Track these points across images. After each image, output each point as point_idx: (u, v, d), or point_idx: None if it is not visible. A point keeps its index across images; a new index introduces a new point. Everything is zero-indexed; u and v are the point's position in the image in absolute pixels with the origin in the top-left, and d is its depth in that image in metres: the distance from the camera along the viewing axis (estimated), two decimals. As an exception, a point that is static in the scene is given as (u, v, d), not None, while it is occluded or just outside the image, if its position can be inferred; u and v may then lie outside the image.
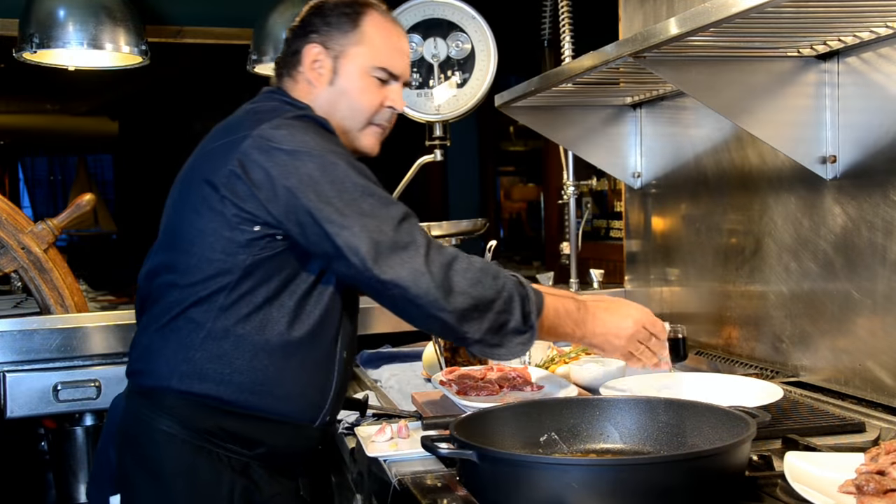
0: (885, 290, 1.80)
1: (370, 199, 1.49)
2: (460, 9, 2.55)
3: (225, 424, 1.54)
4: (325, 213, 1.46)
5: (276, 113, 1.55)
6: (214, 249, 1.52)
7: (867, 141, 1.83)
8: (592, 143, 2.79)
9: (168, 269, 1.58)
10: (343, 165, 1.49)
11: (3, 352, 2.30)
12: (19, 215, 2.53)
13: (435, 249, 1.50)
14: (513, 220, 6.98)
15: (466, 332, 1.50)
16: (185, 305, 1.54)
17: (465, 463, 1.29)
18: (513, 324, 1.52)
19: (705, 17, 1.58)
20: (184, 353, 1.54)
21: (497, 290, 1.51)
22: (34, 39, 3.10)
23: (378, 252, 1.46)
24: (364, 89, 1.66)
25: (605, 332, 1.65)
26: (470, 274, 1.50)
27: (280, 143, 1.49)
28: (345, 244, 1.46)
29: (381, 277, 1.46)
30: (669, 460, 1.24)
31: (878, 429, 1.67)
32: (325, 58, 1.65)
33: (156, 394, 1.55)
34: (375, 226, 1.47)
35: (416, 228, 1.50)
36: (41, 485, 2.65)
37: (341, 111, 1.66)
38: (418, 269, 1.46)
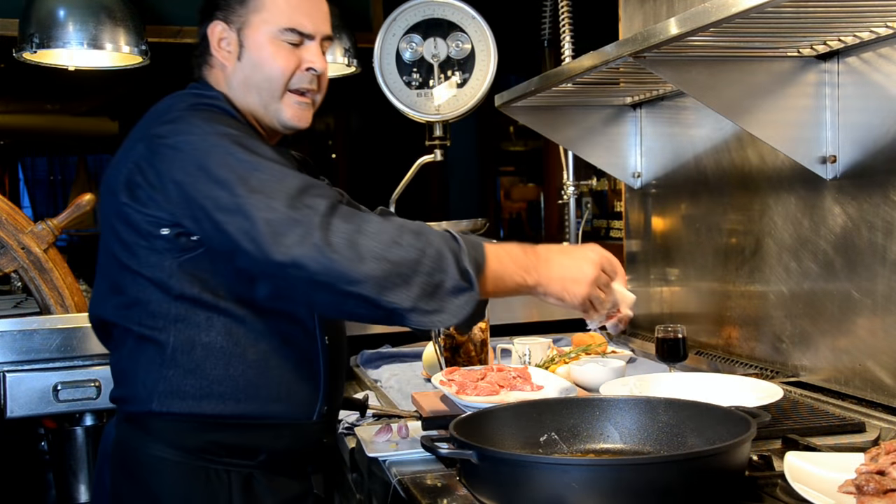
0: (885, 290, 1.80)
1: (258, 175, 1.35)
2: (460, 9, 2.55)
3: (216, 438, 1.47)
4: (212, 202, 1.35)
5: (171, 109, 1.47)
6: (141, 262, 1.45)
7: (867, 141, 1.83)
8: (592, 143, 2.79)
9: (111, 289, 1.51)
10: (227, 144, 1.37)
11: (3, 352, 2.30)
12: (19, 215, 2.53)
13: (340, 217, 1.33)
14: (513, 220, 6.97)
15: (393, 302, 1.31)
16: (140, 325, 1.47)
17: (465, 463, 1.29)
18: (449, 283, 1.34)
19: (705, 17, 1.58)
20: (155, 373, 1.46)
21: (420, 248, 1.33)
22: (34, 39, 3.10)
23: (271, 232, 1.31)
24: (274, 55, 1.55)
25: (563, 276, 1.45)
26: (384, 236, 1.33)
27: (165, 137, 1.41)
28: (236, 230, 1.33)
29: (277, 260, 1.31)
30: (669, 460, 1.24)
31: (878, 429, 1.67)
32: (230, 33, 1.57)
33: (140, 419, 1.49)
34: (265, 203, 1.32)
35: (316, 198, 1.34)
36: (41, 485, 2.64)
37: (256, 84, 1.56)
38: (317, 242, 1.30)
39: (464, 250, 1.37)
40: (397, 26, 2.55)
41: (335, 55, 3.51)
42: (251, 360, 1.48)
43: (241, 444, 1.49)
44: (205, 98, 1.51)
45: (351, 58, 3.55)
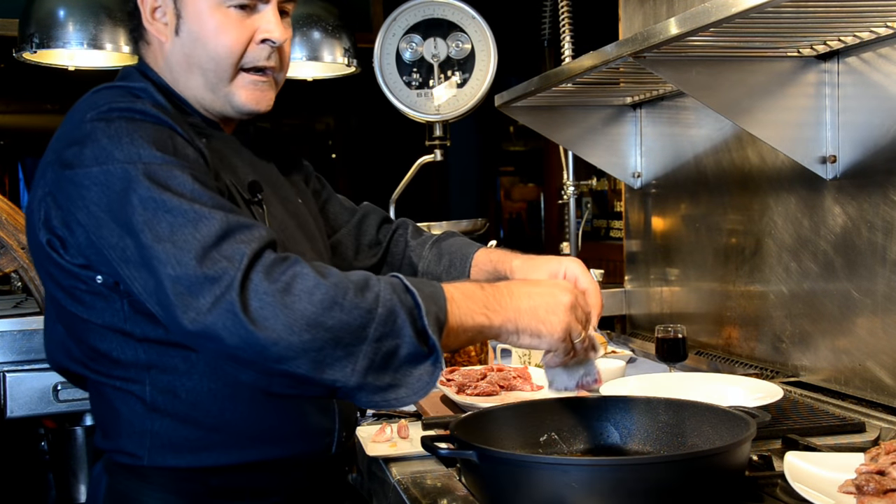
0: (885, 290, 1.80)
1: (167, 218, 1.08)
2: (460, 9, 2.55)
3: (223, 483, 1.27)
4: (117, 252, 1.12)
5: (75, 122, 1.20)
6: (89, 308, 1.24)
7: (867, 141, 1.83)
8: (592, 143, 2.79)
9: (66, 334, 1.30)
10: (135, 177, 1.11)
11: (3, 352, 2.30)
12: (19, 215, 2.53)
13: (263, 271, 1.06)
14: (513, 220, 6.97)
15: (336, 379, 1.06)
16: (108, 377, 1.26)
17: (465, 463, 1.29)
18: (405, 349, 1.09)
19: (705, 17, 1.58)
20: (140, 427, 1.25)
21: (366, 308, 1.07)
22: (34, 39, 3.10)
23: (178, 293, 1.06)
24: (220, 27, 1.27)
25: (534, 305, 1.20)
26: (319, 294, 1.06)
27: (68, 165, 1.16)
28: (142, 289, 1.11)
29: (187, 329, 1.06)
30: (669, 460, 1.24)
31: (878, 429, 1.67)
32: (165, 1, 1.29)
33: (134, 469, 1.28)
34: (174, 257, 1.07)
35: (238, 246, 1.08)
36: (41, 485, 2.64)
37: (199, 63, 1.29)
38: (230, 309, 1.03)
39: (419, 305, 1.11)
40: (397, 26, 2.55)
41: (335, 55, 3.51)
42: (247, 399, 1.27)
43: (254, 487, 1.30)
44: (124, 99, 1.22)
45: (351, 58, 3.54)
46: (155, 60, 1.35)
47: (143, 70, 1.35)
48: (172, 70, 1.33)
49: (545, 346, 1.24)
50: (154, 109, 1.21)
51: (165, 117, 1.21)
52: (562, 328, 1.22)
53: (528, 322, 1.20)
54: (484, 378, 1.95)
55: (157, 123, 1.19)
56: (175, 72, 1.32)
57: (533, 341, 1.22)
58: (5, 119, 7.57)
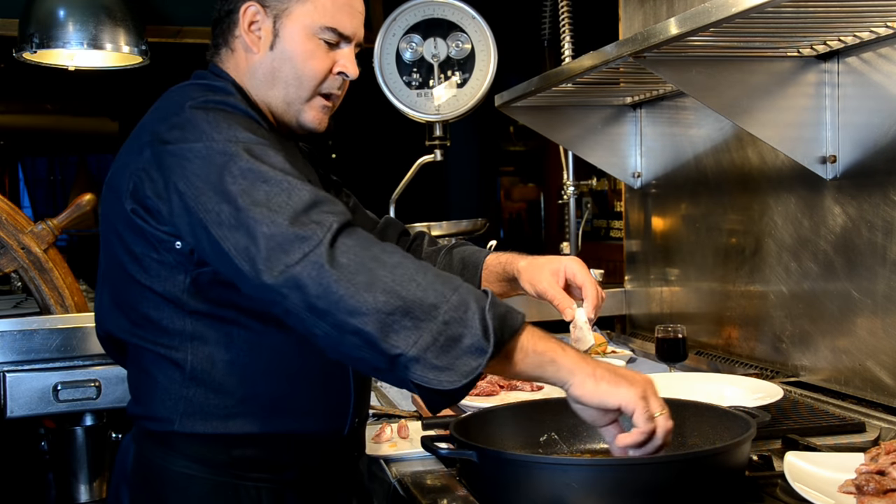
0: (885, 290, 1.80)
1: (264, 187, 1.20)
2: (460, 9, 2.55)
3: (245, 454, 1.37)
4: (213, 215, 1.22)
5: (174, 109, 1.33)
6: (152, 276, 1.34)
7: (867, 141, 1.83)
8: (592, 143, 2.79)
9: (117, 303, 1.40)
10: (235, 153, 1.24)
11: (3, 352, 2.29)
12: (19, 215, 2.53)
13: (353, 237, 1.18)
14: (513, 220, 6.97)
15: (397, 346, 1.12)
16: (154, 343, 1.37)
17: (465, 463, 1.29)
18: (468, 339, 1.14)
19: (705, 17, 1.58)
20: (176, 393, 1.35)
21: (441, 292, 1.15)
22: (34, 39, 3.10)
23: (270, 248, 1.16)
24: (310, 53, 1.44)
25: (614, 368, 1.23)
26: (402, 270, 1.15)
27: (171, 143, 1.28)
28: (233, 247, 1.19)
29: (273, 279, 1.16)
30: (669, 460, 1.24)
31: (878, 429, 1.67)
32: (264, 18, 1.43)
33: (163, 436, 1.38)
34: (268, 217, 1.18)
35: (326, 215, 1.19)
36: (41, 485, 2.64)
37: (284, 80, 1.45)
38: (319, 259, 1.14)
39: (496, 305, 1.17)
40: (397, 26, 2.55)
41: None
42: (278, 375, 1.37)
43: (271, 460, 1.39)
44: (214, 94, 1.37)
45: (351, 58, 3.54)
46: (236, 66, 1.48)
47: (215, 71, 1.49)
48: (255, 78, 1.46)
49: (622, 400, 1.19)
50: (243, 104, 1.36)
51: (253, 113, 1.36)
52: (642, 387, 1.21)
53: (606, 373, 1.21)
54: (484, 378, 1.95)
55: (246, 116, 1.34)
56: (257, 80, 1.46)
57: (610, 391, 1.19)
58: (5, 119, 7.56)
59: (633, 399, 1.18)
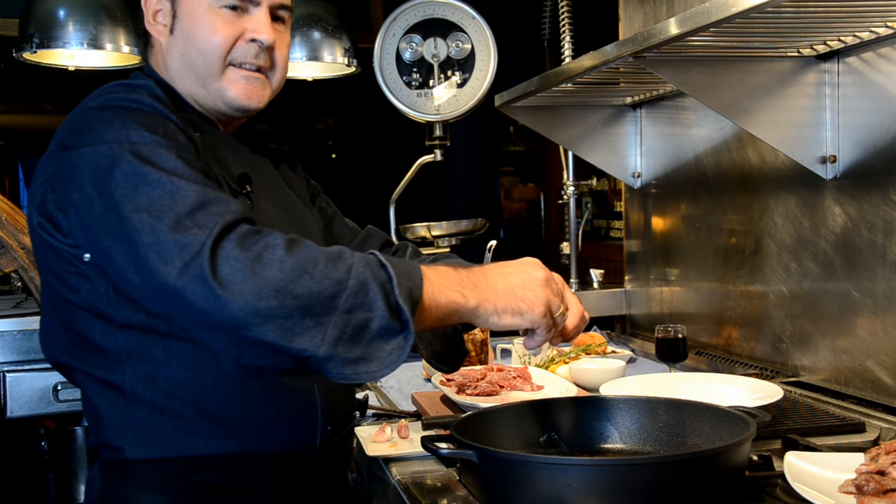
0: (885, 290, 1.80)
1: (147, 190, 1.11)
2: (460, 9, 2.55)
3: (205, 480, 1.28)
4: (103, 227, 1.14)
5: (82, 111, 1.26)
6: (74, 290, 1.26)
7: (867, 141, 1.83)
8: (592, 143, 2.79)
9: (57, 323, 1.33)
10: (123, 155, 1.14)
11: (3, 352, 2.30)
12: (19, 215, 2.53)
13: (235, 239, 1.07)
14: (513, 220, 6.97)
15: (304, 348, 1.05)
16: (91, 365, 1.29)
17: (465, 463, 1.29)
18: (376, 323, 1.07)
19: (705, 17, 1.58)
20: (120, 418, 1.27)
21: (337, 279, 1.06)
22: (34, 39, 3.10)
23: (150, 259, 1.07)
24: (211, 26, 1.34)
25: (511, 285, 1.20)
26: (290, 262, 1.06)
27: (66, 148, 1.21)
28: (123, 259, 1.12)
29: (157, 295, 1.08)
30: (669, 460, 1.24)
31: (878, 429, 1.67)
32: (164, 3, 1.37)
33: (120, 465, 1.30)
34: (149, 225, 1.09)
35: (211, 216, 1.09)
36: (41, 485, 2.64)
37: (191, 61, 1.36)
38: (200, 273, 1.04)
39: (393, 279, 1.09)
40: (397, 26, 2.55)
41: (335, 55, 3.51)
42: (227, 389, 1.27)
43: (237, 484, 1.30)
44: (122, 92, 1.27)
45: (351, 58, 3.55)
46: (157, 62, 1.42)
47: (147, 72, 1.44)
48: (170, 69, 1.39)
49: (528, 324, 1.22)
50: (150, 100, 1.25)
51: (161, 107, 1.25)
52: (542, 303, 1.22)
53: (508, 301, 1.20)
54: (484, 378, 1.95)
55: (151, 112, 1.24)
56: (171, 70, 1.39)
57: (515, 320, 1.20)
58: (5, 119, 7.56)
59: (537, 320, 1.21)
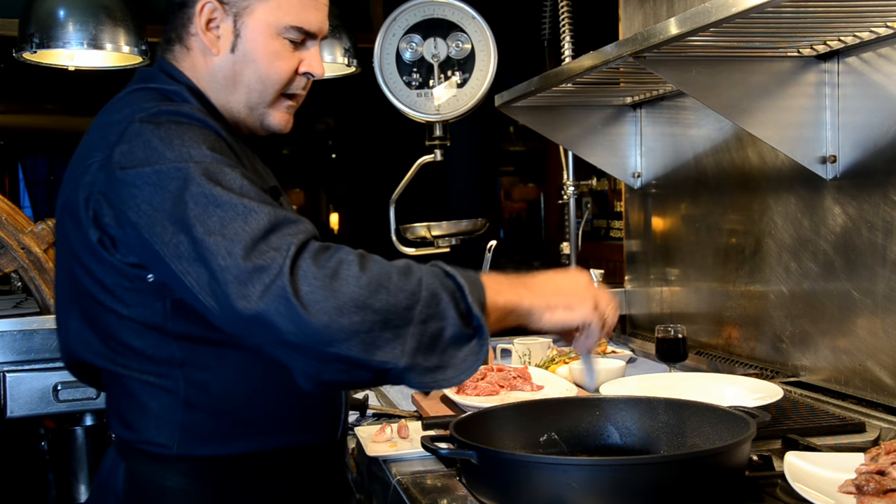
0: (885, 290, 1.80)
1: (218, 213, 1.12)
2: (460, 9, 2.55)
3: (241, 471, 1.33)
4: (170, 248, 1.15)
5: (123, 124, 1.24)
6: (128, 305, 1.27)
7: (867, 141, 1.83)
8: (592, 143, 2.79)
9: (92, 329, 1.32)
10: (188, 175, 1.15)
11: (3, 352, 2.30)
12: (19, 215, 2.53)
13: (311, 258, 1.10)
14: (513, 220, 6.97)
15: (386, 361, 1.09)
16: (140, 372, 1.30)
17: (465, 463, 1.29)
18: (450, 331, 1.12)
19: (705, 17, 1.58)
20: (171, 420, 1.30)
21: (410, 291, 1.11)
22: (34, 39, 3.10)
23: (229, 283, 1.09)
24: (275, 55, 1.34)
25: (558, 285, 1.26)
26: (365, 279, 1.09)
27: (119, 165, 1.20)
28: (195, 282, 1.13)
29: (240, 316, 1.09)
30: (669, 460, 1.24)
31: (878, 429, 1.67)
32: (223, 16, 1.33)
33: (154, 455, 1.33)
34: (225, 248, 1.10)
35: (284, 238, 1.12)
36: (41, 485, 2.64)
37: (246, 83, 1.36)
38: (282, 294, 1.06)
39: (463, 287, 1.15)
40: (397, 26, 2.55)
41: (335, 55, 3.51)
42: (273, 393, 1.33)
43: (268, 473, 1.36)
44: (168, 102, 1.28)
45: (351, 58, 3.55)
46: (192, 67, 1.38)
47: (169, 72, 1.38)
48: (215, 81, 1.37)
49: (579, 320, 1.27)
50: (200, 114, 1.26)
51: (211, 122, 1.26)
52: (591, 299, 1.27)
53: (559, 299, 1.25)
54: (484, 378, 1.95)
55: (203, 126, 1.24)
56: (217, 83, 1.37)
57: (567, 315, 1.25)
58: (5, 119, 7.56)
59: (588, 315, 1.27)
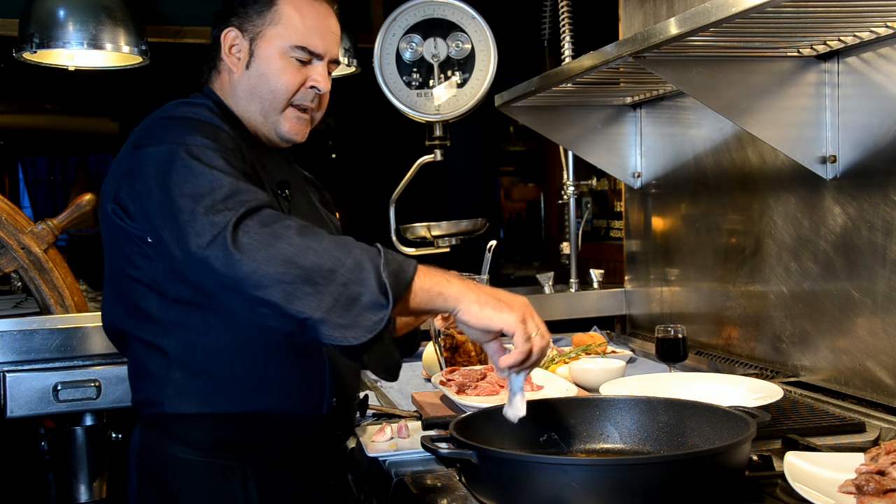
0: (885, 290, 1.80)
1: (192, 180, 1.35)
2: (460, 9, 2.55)
3: (228, 436, 1.50)
4: (156, 209, 1.38)
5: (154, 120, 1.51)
6: (138, 268, 1.49)
7: (867, 141, 1.83)
8: (592, 143, 2.79)
9: (118, 298, 1.55)
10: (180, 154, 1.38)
11: (3, 352, 2.29)
12: (19, 215, 2.53)
13: (258, 219, 1.30)
14: (513, 220, 6.97)
15: (302, 311, 1.25)
16: (143, 332, 1.51)
17: (465, 463, 1.29)
18: (366, 297, 1.25)
19: (705, 17, 1.58)
20: (163, 377, 1.50)
21: (337, 257, 1.27)
22: (34, 39, 3.10)
23: (188, 234, 1.31)
24: (282, 70, 1.59)
25: (497, 293, 1.35)
26: (299, 240, 1.28)
27: (139, 147, 1.46)
28: (168, 234, 1.35)
29: (190, 260, 1.31)
30: (669, 460, 1.24)
31: (878, 429, 1.67)
32: (242, 41, 1.61)
33: (158, 420, 1.53)
34: (190, 206, 1.32)
35: (240, 202, 1.32)
36: (41, 485, 2.64)
37: (259, 95, 1.60)
38: (223, 243, 1.28)
39: (390, 263, 1.28)
40: (397, 26, 2.55)
41: (335, 55, 3.50)
42: (254, 357, 1.50)
43: (253, 440, 1.51)
44: (186, 107, 1.53)
45: (351, 58, 3.55)
46: (221, 86, 1.64)
47: (206, 93, 1.66)
48: (236, 96, 1.62)
49: (503, 324, 1.31)
50: (209, 114, 1.52)
51: (218, 120, 1.51)
52: (522, 313, 1.32)
53: (490, 299, 1.32)
54: (484, 378, 1.95)
55: (207, 123, 1.49)
56: (238, 97, 1.62)
57: (492, 314, 1.31)
58: (5, 119, 7.56)
59: (514, 323, 1.31)
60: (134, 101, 7.07)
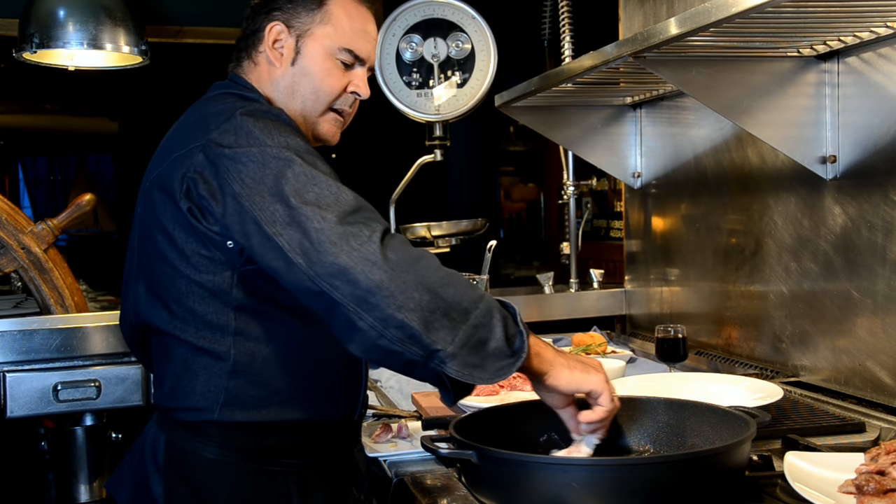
0: (885, 290, 1.80)
1: (314, 189, 1.32)
2: (460, 9, 2.55)
3: (275, 442, 1.47)
4: (267, 214, 1.32)
5: (225, 115, 1.43)
6: (200, 271, 1.43)
7: (867, 141, 1.83)
8: (592, 143, 2.79)
9: (158, 295, 1.48)
10: (287, 157, 1.35)
11: (3, 352, 2.29)
12: (19, 215, 2.53)
13: (398, 241, 1.29)
14: (513, 220, 6.97)
15: (436, 342, 1.23)
16: (195, 336, 1.45)
17: (465, 463, 1.29)
18: (493, 344, 1.27)
19: (705, 17, 1.58)
20: (216, 384, 1.45)
21: (473, 298, 1.28)
22: (34, 39, 3.10)
23: (321, 242, 1.27)
24: (327, 71, 1.57)
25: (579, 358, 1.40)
26: (441, 272, 1.28)
27: (227, 147, 1.38)
28: (286, 242, 1.29)
29: (325, 270, 1.25)
30: (669, 460, 1.24)
31: (878, 429, 1.67)
32: (288, 37, 1.57)
33: (197, 426, 1.47)
34: (319, 215, 1.29)
35: (370, 219, 1.31)
36: (41, 485, 2.64)
37: (302, 94, 1.58)
38: (370, 257, 1.25)
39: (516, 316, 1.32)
40: (397, 26, 2.55)
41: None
42: (310, 366, 1.48)
43: (297, 446, 1.49)
44: (257, 103, 1.49)
45: (351, 58, 3.54)
46: (258, 78, 1.59)
47: (241, 83, 1.60)
48: (277, 90, 1.58)
49: (592, 385, 1.35)
50: (286, 115, 1.48)
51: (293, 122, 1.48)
52: (604, 373, 1.37)
53: (577, 363, 1.36)
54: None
55: (289, 125, 1.45)
56: (279, 91, 1.58)
57: (582, 377, 1.35)
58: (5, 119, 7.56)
59: (601, 384, 1.35)
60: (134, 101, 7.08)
